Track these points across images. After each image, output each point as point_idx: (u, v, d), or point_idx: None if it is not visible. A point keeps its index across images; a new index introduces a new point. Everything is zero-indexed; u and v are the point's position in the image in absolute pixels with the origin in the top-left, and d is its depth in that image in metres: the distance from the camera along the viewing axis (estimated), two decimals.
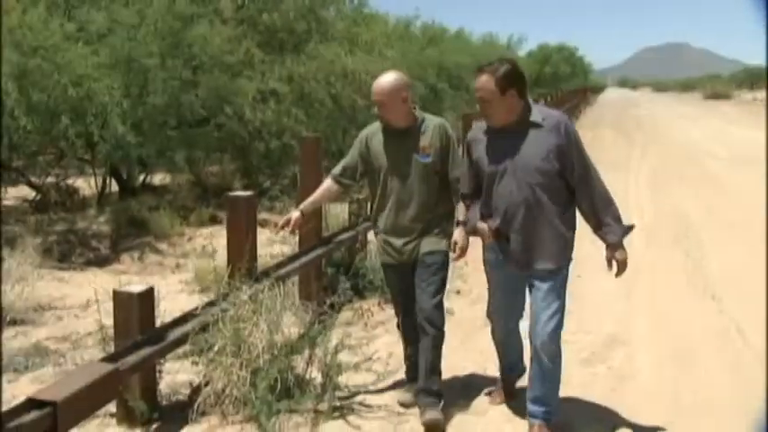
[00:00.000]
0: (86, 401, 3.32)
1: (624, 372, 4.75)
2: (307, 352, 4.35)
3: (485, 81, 3.58)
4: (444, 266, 4.14)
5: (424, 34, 23.14)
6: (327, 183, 4.40)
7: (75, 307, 6.28)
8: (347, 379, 4.34)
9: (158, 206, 10.14)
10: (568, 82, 45.75)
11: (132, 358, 3.69)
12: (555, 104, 24.59)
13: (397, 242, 4.14)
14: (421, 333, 4.12)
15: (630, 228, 3.83)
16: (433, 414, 4.01)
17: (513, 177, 3.62)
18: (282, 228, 4.35)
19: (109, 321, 4.09)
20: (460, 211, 4.07)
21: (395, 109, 3.99)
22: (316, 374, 4.33)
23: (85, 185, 11.92)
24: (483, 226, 3.80)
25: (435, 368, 4.13)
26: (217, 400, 4.02)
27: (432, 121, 4.14)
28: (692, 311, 5.95)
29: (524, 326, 3.94)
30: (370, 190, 4.38)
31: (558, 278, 3.73)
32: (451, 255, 4.09)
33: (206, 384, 4.06)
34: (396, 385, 4.50)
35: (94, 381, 3.35)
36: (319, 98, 11.72)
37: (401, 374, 4.53)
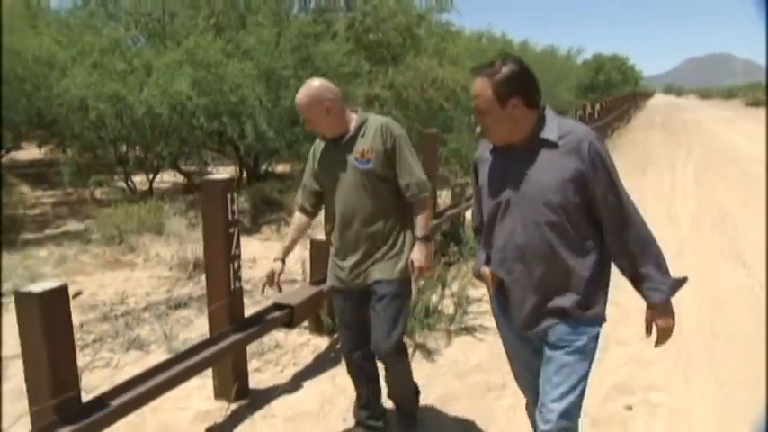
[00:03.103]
0: (308, 307, 4.49)
1: None
2: (439, 290, 5.45)
3: (480, 87, 2.40)
4: (399, 296, 3.28)
5: (494, 45, 23.82)
6: (297, 218, 3.59)
7: (246, 260, 7.49)
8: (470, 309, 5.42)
9: (287, 189, 11.36)
10: (620, 89, 45.70)
11: (325, 284, 4.83)
12: (607, 109, 24.54)
13: (344, 263, 3.36)
14: (384, 369, 3.47)
15: (682, 281, 2.50)
16: None
17: (516, 212, 2.46)
18: (270, 286, 3.50)
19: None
20: (420, 224, 3.28)
21: (320, 122, 3.24)
22: (448, 304, 5.39)
23: (217, 173, 13.19)
24: (486, 271, 2.65)
25: (411, 411, 3.67)
26: None
27: (374, 123, 3.27)
28: (725, 274, 6.70)
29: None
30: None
31: (577, 345, 2.45)
32: (411, 276, 3.29)
33: None
34: None
35: (311, 295, 4.51)
36: (414, 102, 12.69)
37: None
